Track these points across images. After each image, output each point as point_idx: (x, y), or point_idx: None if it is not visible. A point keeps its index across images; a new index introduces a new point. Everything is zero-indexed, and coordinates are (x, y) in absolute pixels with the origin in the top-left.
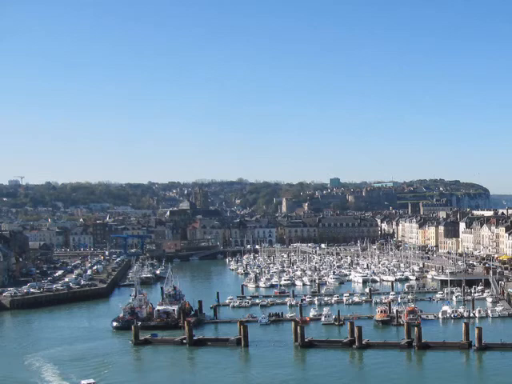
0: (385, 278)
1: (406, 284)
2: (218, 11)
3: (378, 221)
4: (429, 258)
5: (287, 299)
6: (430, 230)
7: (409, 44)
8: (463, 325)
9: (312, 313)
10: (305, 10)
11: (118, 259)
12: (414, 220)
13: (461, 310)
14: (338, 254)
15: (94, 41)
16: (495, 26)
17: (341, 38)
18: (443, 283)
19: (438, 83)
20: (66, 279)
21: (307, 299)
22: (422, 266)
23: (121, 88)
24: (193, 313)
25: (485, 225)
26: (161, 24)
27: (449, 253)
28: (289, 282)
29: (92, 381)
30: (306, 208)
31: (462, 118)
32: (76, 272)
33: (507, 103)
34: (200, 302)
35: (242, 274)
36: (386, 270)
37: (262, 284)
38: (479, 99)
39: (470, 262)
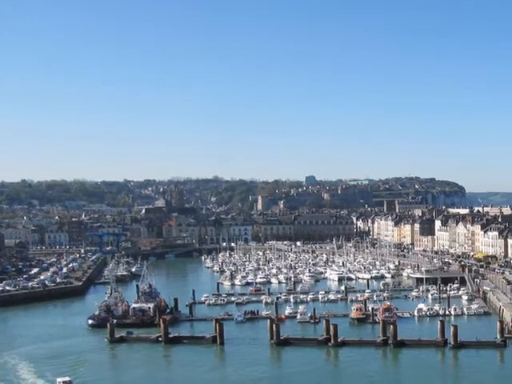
0: (360, 275)
1: (382, 282)
2: (198, 9)
3: (354, 218)
4: (404, 256)
5: (263, 297)
6: (406, 228)
7: (383, 44)
8: (439, 322)
9: (287, 310)
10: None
11: (94, 257)
12: (390, 218)
13: (436, 307)
14: (313, 251)
15: (73, 37)
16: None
17: (315, 36)
18: (419, 281)
19: (412, 82)
20: (42, 277)
21: (283, 297)
22: (397, 263)
23: (97, 86)
24: (168, 310)
25: (460, 223)
26: (142, 20)
27: (424, 250)
28: (264, 279)
29: (67, 379)
30: (281, 206)
31: (437, 117)
32: (51, 270)
33: (482, 103)
34: (176, 300)
35: (217, 271)
36: (362, 267)
37: (237, 282)
38: (455, 98)
39: (446, 260)
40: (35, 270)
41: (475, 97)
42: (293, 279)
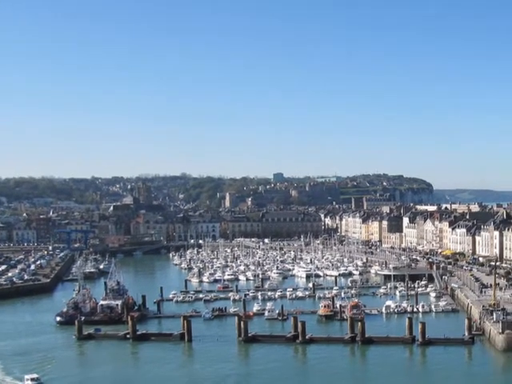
0: (328, 272)
1: (350, 279)
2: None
3: (322, 215)
4: (372, 253)
5: (231, 294)
6: (374, 225)
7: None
8: (407, 319)
9: (255, 307)
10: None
11: (62, 254)
12: (358, 215)
13: (404, 304)
14: (281, 248)
15: (33, 33)
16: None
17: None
18: (387, 278)
19: (378, 80)
20: (10, 274)
21: (251, 294)
22: (365, 260)
23: (64, 84)
24: (136, 308)
25: (428, 220)
26: (96, 18)
27: (392, 248)
28: (232, 276)
29: (35, 375)
30: (249, 203)
31: (404, 114)
32: (19, 267)
33: (449, 100)
34: (143, 297)
35: (185, 268)
36: (330, 264)
37: (205, 279)
38: (421, 96)
39: (414, 257)
40: (3, 268)
41: (442, 94)
42: (261, 276)
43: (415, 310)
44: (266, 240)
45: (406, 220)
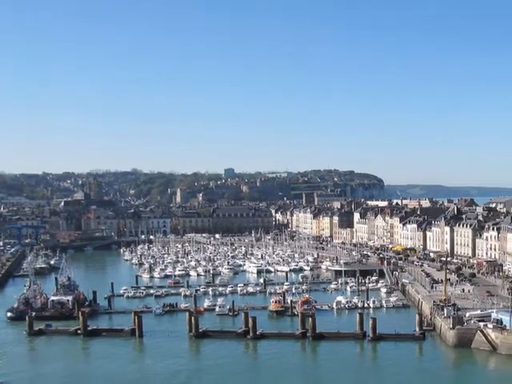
0: (279, 268)
1: (301, 274)
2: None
3: (273, 211)
4: (323, 249)
5: (181, 289)
6: (325, 221)
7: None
8: (357, 315)
9: (206, 303)
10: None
11: (13, 250)
12: (309, 210)
13: (355, 300)
14: (232, 244)
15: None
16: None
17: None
18: (337, 273)
19: (329, 75)
20: None
21: (201, 289)
22: (316, 256)
23: (15, 81)
24: (87, 303)
25: (379, 215)
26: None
27: (343, 243)
28: (183, 272)
29: None
30: (200, 198)
31: (355, 110)
32: None
33: (399, 95)
34: (94, 293)
35: (136, 264)
36: (281, 260)
37: (156, 274)
38: (371, 92)
39: (365, 253)
40: None
41: (392, 89)
42: (211, 272)
43: (366, 305)
44: (217, 235)
45: (356, 215)
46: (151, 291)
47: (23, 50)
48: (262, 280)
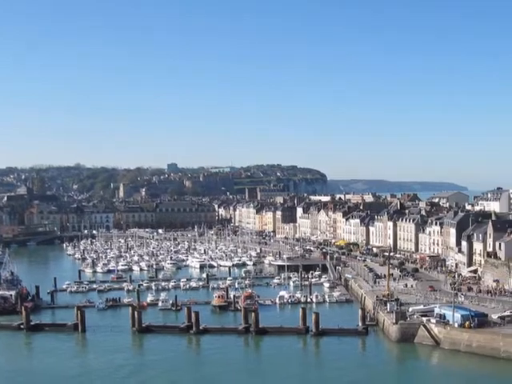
0: (222, 263)
1: (244, 269)
2: None
3: (216, 206)
4: (266, 244)
5: (124, 284)
6: (268, 215)
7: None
8: (300, 310)
9: (149, 298)
10: None
11: None
12: (252, 205)
13: (298, 295)
14: (175, 239)
15: None
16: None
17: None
18: (280, 268)
19: (273, 69)
20: None
21: (144, 284)
22: (259, 251)
23: None
24: (30, 298)
25: (322, 210)
26: None
27: (286, 238)
28: (126, 267)
29: None
30: (143, 193)
31: (297, 105)
32: None
33: (341, 89)
34: (37, 288)
35: (79, 259)
36: (224, 255)
37: (99, 269)
38: (314, 86)
39: (308, 248)
40: None
41: (334, 83)
42: (154, 267)
43: (309, 300)
44: (160, 230)
45: (299, 210)
46: (94, 286)
47: None
48: (204, 275)
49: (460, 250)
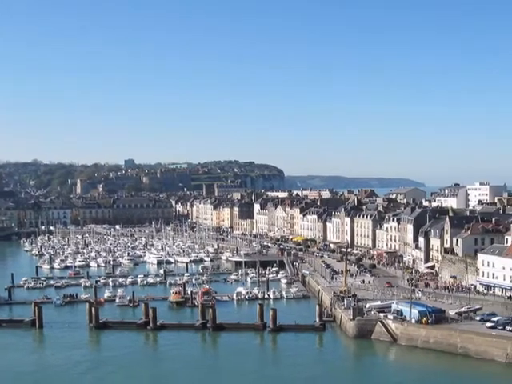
0: (179, 259)
1: (201, 265)
2: None
3: (173, 202)
4: (223, 240)
5: (82, 280)
6: (225, 212)
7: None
8: (258, 306)
9: (107, 294)
10: None
11: None
12: (209, 201)
13: (255, 291)
14: (132, 235)
15: None
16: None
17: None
18: (238, 264)
19: (229, 67)
20: None
21: (102, 280)
22: (216, 247)
23: None
24: None
25: (279, 206)
26: None
27: (243, 234)
28: (83, 263)
29: None
30: (100, 189)
31: (254, 101)
32: None
33: (295, 86)
34: None
35: (36, 255)
36: (181, 251)
37: (56, 265)
38: (268, 82)
39: (265, 244)
40: None
41: (288, 81)
42: (112, 263)
43: (266, 296)
44: (118, 226)
45: (257, 206)
46: (51, 282)
47: None
48: (162, 271)
49: (417, 246)
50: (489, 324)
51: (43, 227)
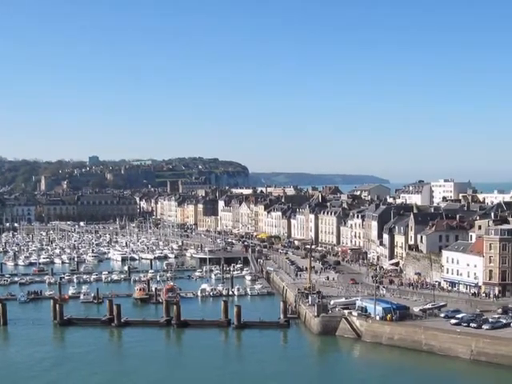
0: (144, 255)
1: (165, 262)
2: None
3: (137, 199)
4: (188, 236)
5: (46, 277)
6: (189, 208)
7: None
8: (222, 303)
9: (71, 291)
10: None
11: None
12: (173, 198)
13: (220, 287)
14: (96, 232)
15: None
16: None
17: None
18: (202, 261)
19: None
20: None
21: (66, 277)
22: (180, 244)
23: None
24: None
25: (244, 203)
26: None
27: (208, 231)
28: (48, 260)
29: None
30: (64, 186)
31: (219, 98)
32: None
33: (261, 84)
34: None
35: (0, 252)
36: (145, 248)
37: (20, 262)
38: (234, 81)
39: (229, 240)
40: None
41: (256, 79)
42: (76, 259)
43: (231, 293)
44: (82, 223)
45: (221, 203)
46: (16, 279)
47: None
48: (126, 268)
49: (382, 243)
50: (453, 321)
51: (7, 224)
